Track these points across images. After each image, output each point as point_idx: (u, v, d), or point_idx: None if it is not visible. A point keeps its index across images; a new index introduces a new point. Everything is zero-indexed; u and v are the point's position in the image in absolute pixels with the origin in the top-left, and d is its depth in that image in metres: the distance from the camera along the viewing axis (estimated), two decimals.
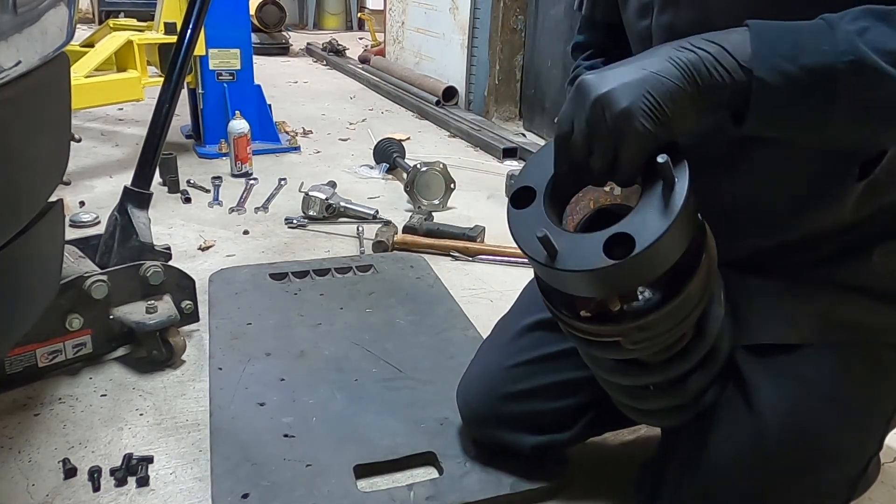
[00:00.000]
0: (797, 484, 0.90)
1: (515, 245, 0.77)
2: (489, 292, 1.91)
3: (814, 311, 0.90)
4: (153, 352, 1.45)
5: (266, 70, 5.06)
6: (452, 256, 2.12)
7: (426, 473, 1.18)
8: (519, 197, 0.78)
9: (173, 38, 2.15)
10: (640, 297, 0.78)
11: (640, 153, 0.71)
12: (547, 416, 1.12)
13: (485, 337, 1.56)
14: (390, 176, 2.90)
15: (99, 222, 2.22)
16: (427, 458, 1.20)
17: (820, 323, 0.90)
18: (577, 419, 1.12)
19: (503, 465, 1.17)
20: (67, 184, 2.58)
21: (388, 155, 2.90)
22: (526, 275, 2.03)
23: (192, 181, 2.68)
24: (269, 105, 3.20)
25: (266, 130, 3.16)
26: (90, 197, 2.49)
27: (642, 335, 0.78)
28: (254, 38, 3.68)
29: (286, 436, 1.23)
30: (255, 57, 3.20)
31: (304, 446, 1.21)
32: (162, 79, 1.74)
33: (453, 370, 1.42)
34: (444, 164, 2.50)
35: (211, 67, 2.98)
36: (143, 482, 1.15)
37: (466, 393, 1.21)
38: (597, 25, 1.17)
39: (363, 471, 1.17)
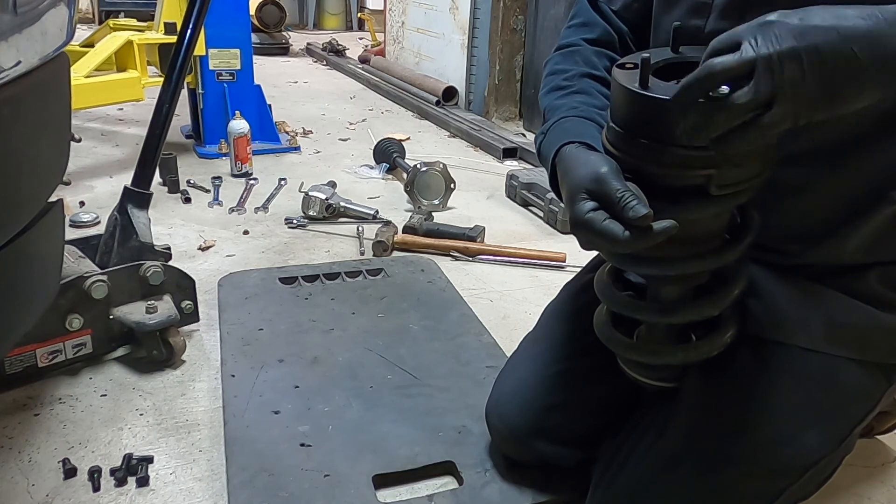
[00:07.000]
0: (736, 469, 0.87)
1: (617, 97, 0.79)
2: (489, 292, 1.92)
3: (825, 316, 0.89)
4: (153, 352, 1.45)
5: (266, 70, 5.06)
6: (452, 256, 2.12)
7: (445, 483, 1.17)
8: (623, 64, 0.82)
9: (173, 38, 2.15)
10: None
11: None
12: (592, 429, 1.07)
13: (497, 342, 1.57)
14: (390, 176, 2.90)
15: (99, 222, 2.22)
16: (446, 468, 1.18)
17: (828, 330, 0.88)
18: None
19: (522, 476, 1.14)
20: (67, 184, 2.58)
21: (388, 155, 2.90)
22: (525, 275, 2.03)
23: (192, 181, 2.68)
24: (269, 105, 3.20)
25: (266, 130, 3.16)
26: (90, 197, 2.49)
27: (733, 173, 0.76)
28: (254, 38, 3.68)
29: (303, 445, 1.21)
30: (255, 57, 3.20)
31: (321, 456, 1.18)
32: (162, 79, 1.74)
33: (469, 377, 1.41)
34: (444, 164, 2.50)
35: (211, 67, 2.98)
36: (143, 482, 1.15)
37: (501, 408, 1.15)
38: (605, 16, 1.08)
39: (382, 481, 1.15)
